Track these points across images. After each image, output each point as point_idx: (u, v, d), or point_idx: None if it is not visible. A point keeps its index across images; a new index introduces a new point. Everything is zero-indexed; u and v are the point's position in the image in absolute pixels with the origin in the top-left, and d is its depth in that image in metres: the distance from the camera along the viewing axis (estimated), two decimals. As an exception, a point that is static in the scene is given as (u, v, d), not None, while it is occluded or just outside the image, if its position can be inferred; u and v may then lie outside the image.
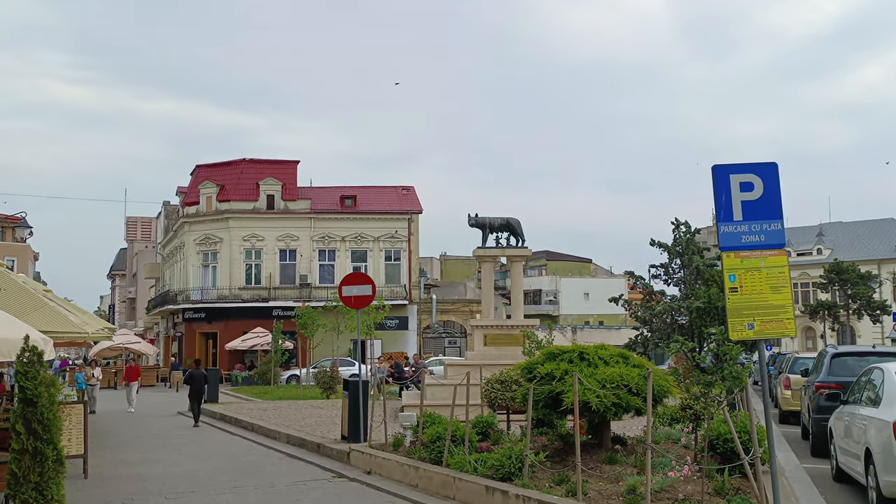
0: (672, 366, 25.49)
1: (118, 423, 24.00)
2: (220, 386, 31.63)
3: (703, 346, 25.89)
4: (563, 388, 10.82)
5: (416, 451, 12.80)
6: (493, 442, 13.01)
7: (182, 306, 52.97)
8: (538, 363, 11.86)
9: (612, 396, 10.49)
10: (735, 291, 7.85)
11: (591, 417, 11.18)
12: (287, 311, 46.21)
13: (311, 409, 25.63)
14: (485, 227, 23.77)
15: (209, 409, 26.31)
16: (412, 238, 54.02)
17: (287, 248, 52.70)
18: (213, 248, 52.55)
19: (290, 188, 53.59)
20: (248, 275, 52.32)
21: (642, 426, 15.05)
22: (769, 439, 7.91)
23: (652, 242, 28.65)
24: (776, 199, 7.94)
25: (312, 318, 35.02)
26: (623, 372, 10.93)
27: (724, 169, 8.00)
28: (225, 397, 32.06)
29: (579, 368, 11.05)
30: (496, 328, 23.06)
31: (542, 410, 11.54)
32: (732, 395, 10.03)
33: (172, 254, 59.06)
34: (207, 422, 23.84)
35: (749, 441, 9.31)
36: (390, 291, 51.46)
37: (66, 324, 14.16)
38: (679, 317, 27.89)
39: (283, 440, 18.18)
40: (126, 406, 27.89)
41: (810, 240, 75.89)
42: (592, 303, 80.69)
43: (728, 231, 7.91)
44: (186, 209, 54.30)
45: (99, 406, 28.32)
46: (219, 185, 53.09)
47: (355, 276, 17.54)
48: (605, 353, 11.65)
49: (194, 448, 17.78)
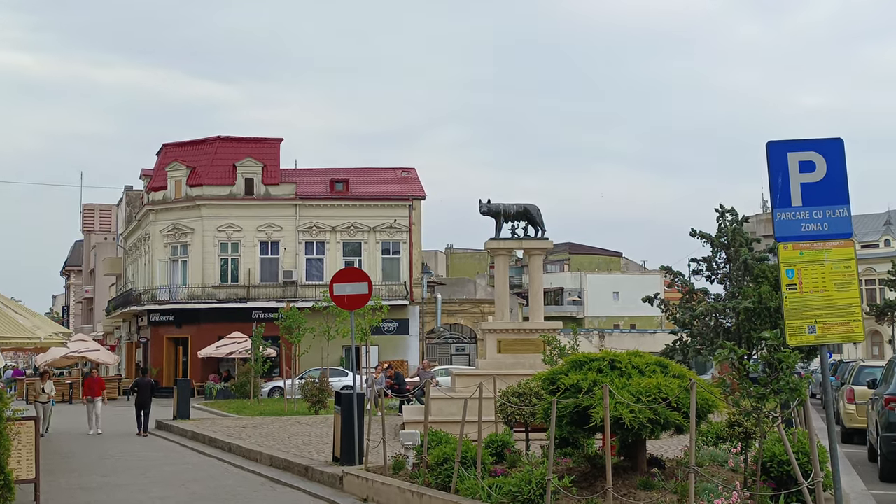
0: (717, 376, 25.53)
1: (76, 443, 24.08)
2: (191, 400, 31.70)
3: (754, 352, 25.91)
4: (591, 401, 10.80)
5: (421, 475, 12.81)
6: (509, 464, 13.02)
7: (147, 308, 53.12)
8: (561, 373, 11.84)
9: (648, 412, 10.47)
10: (793, 289, 7.81)
11: (624, 436, 11.16)
12: (269, 313, 46.29)
13: (297, 426, 25.68)
14: (498, 216, 23.74)
15: (179, 426, 26.39)
16: (414, 228, 54.05)
17: (269, 240, 52.79)
18: (183, 240, 52.68)
19: (272, 170, 53.67)
20: (224, 271, 52.43)
21: (683, 446, 15.02)
22: (832, 461, 7.88)
23: (693, 233, 28.64)
24: (842, 180, 7.90)
25: (298, 320, 35.06)
26: (661, 383, 10.91)
27: (780, 146, 7.96)
28: (197, 413, 32.14)
29: (610, 379, 11.03)
30: (512, 332, 23.08)
31: (567, 428, 11.53)
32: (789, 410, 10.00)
33: (136, 247, 59.20)
34: (177, 441, 23.90)
35: (808, 463, 9.26)
36: (388, 290, 51.54)
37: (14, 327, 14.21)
38: (724, 319, 27.87)
39: (266, 462, 18.22)
40: (86, 427, 27.21)
41: (877, 229, 75.63)
42: (623, 303, 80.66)
43: (785, 218, 7.87)
44: (152, 195, 54.42)
45: (53, 424, 27.92)
46: (189, 167, 53.20)
47: (348, 273, 17.52)
48: (639, 362, 11.63)
49: (163, 472, 17.84)
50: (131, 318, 59.84)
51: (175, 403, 29.79)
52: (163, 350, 52.60)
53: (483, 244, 24.90)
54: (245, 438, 21.96)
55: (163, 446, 23.23)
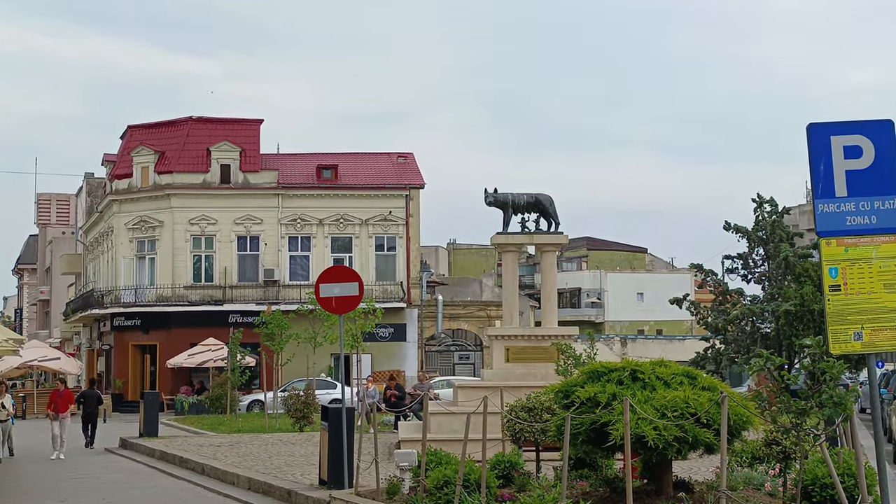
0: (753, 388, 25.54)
1: (30, 465, 24.09)
2: (160, 415, 31.75)
3: (795, 362, 25.95)
4: (611, 417, 10.84)
5: (418, 500, 12.85)
6: (518, 488, 13.06)
7: (110, 311, 53.18)
8: (577, 385, 11.89)
9: (674, 428, 10.50)
10: (837, 290, 7.83)
11: (647, 456, 11.20)
12: (248, 317, 46.36)
13: (279, 444, 25.73)
14: (506, 207, 23.77)
15: (146, 445, 26.41)
16: (411, 221, 54.08)
17: (247, 235, 52.84)
18: (151, 234, 52.74)
19: (252, 156, 53.70)
20: (197, 269, 52.47)
21: (714, 467, 15.06)
22: (881, 484, 7.91)
23: (727, 226, 28.69)
24: (892, 167, 7.90)
25: (281, 325, 35.11)
26: (689, 396, 10.95)
27: (822, 129, 7.97)
28: (167, 429, 32.17)
29: (631, 392, 11.06)
30: (522, 339, 23.14)
31: (583, 447, 11.57)
32: (833, 427, 10.02)
33: (97, 242, 59.27)
34: (144, 461, 23.94)
35: (855, 487, 9.29)
36: (383, 291, 51.59)
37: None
38: (762, 324, 27.91)
39: (244, 485, 18.26)
40: (50, 448, 26.03)
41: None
42: (648, 305, 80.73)
43: (828, 210, 7.89)
44: (115, 183, 54.47)
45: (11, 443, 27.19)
46: (157, 152, 53.25)
47: (337, 271, 17.54)
48: (664, 372, 11.67)
49: (128, 496, 17.87)
50: (92, 322, 59.90)
51: (141, 419, 29.81)
52: (128, 359, 52.64)
53: (489, 239, 24.92)
54: (221, 459, 21.98)
55: (127, 467, 23.25)
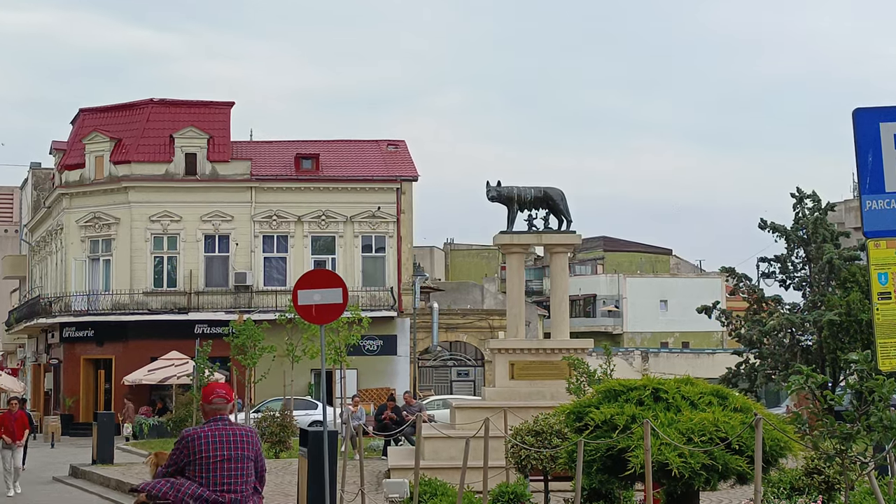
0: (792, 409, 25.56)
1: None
2: (116, 439, 31.74)
3: (840, 379, 25.97)
4: (630, 442, 10.85)
5: (409, 537, 12.85)
6: (523, 523, 13.08)
7: (59, 320, 53.08)
8: (592, 406, 11.89)
9: (701, 455, 10.51)
10: (887, 298, 7.85)
11: (672, 486, 11.20)
12: (217, 328, 46.33)
13: (251, 473, 25.70)
14: (511, 203, 23.77)
15: (99, 473, 26.37)
16: (403, 218, 54.07)
17: (216, 234, 52.80)
18: (106, 232, 52.68)
19: (221, 144, 53.68)
20: (159, 273, 52.42)
21: (748, 500, 15.08)
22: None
23: (762, 224, 28.72)
24: (950, 159, 7.92)
25: (254, 337, 35.09)
26: (719, 419, 10.96)
27: (871, 115, 7.98)
28: (124, 455, 32.14)
29: (653, 413, 11.07)
30: (529, 353, 23.15)
31: (598, 476, 11.57)
32: (883, 454, 10.03)
33: (45, 241, 59.23)
34: (97, 492, 23.93)
35: (907, 522, 9.29)
36: (370, 298, 51.55)
37: None
38: (802, 336, 27.92)
39: (211, 520, 18.26)
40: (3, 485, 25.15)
41: None
42: (673, 314, 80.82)
43: (876, 208, 7.90)
44: (65, 175, 54.43)
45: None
46: (113, 140, 53.20)
47: (318, 276, 17.52)
48: (691, 391, 11.68)
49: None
50: (39, 333, 59.81)
51: (95, 444, 29.80)
52: (79, 375, 52.52)
53: (492, 239, 24.93)
54: (185, 489, 21.99)
55: (79, 499, 23.24)
